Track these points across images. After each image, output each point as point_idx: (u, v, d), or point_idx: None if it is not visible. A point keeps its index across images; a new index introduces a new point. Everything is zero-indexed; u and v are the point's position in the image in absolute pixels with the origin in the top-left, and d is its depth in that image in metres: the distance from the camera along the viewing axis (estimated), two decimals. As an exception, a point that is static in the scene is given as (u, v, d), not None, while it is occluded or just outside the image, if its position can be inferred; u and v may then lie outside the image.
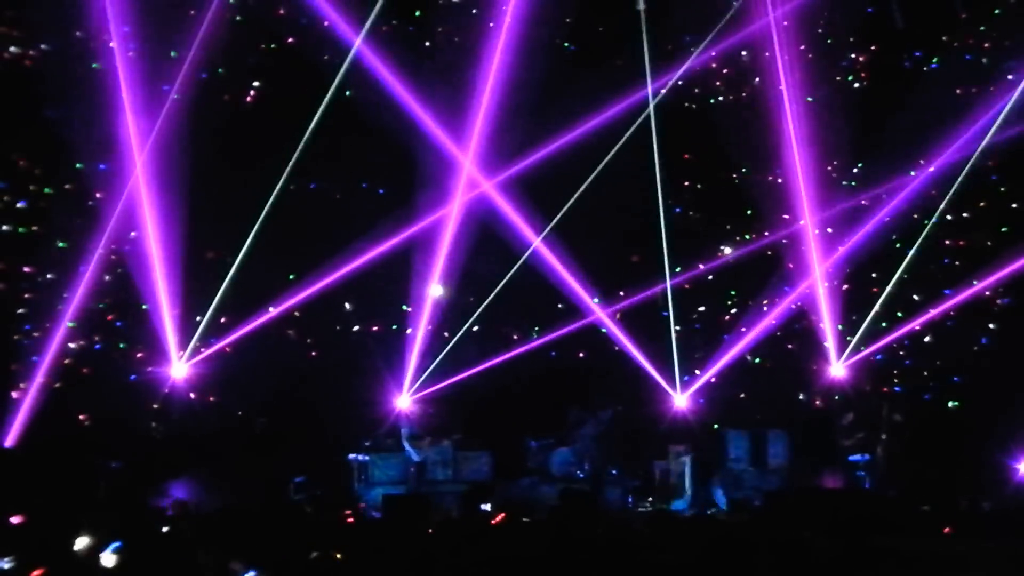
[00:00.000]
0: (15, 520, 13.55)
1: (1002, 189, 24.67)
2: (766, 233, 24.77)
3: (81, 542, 11.64)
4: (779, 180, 24.47)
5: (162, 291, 21.86)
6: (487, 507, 19.63)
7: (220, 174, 22.55)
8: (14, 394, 20.58)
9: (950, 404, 24.31)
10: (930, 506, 19.40)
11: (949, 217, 24.46)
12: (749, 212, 24.85)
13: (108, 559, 11.17)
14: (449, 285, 24.20)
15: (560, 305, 24.11)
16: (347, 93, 22.93)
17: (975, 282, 24.08)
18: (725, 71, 24.92)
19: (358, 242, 22.72)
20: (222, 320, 22.57)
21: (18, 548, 11.26)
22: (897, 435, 23.56)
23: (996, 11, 24.30)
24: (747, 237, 24.93)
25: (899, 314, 24.24)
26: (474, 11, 24.05)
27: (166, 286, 21.95)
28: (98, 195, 21.64)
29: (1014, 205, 24.68)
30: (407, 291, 23.94)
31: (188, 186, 22.32)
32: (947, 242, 24.63)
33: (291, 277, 22.66)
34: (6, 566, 10.85)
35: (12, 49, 21.34)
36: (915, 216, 24.36)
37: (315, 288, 22.65)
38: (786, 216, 24.54)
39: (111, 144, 21.39)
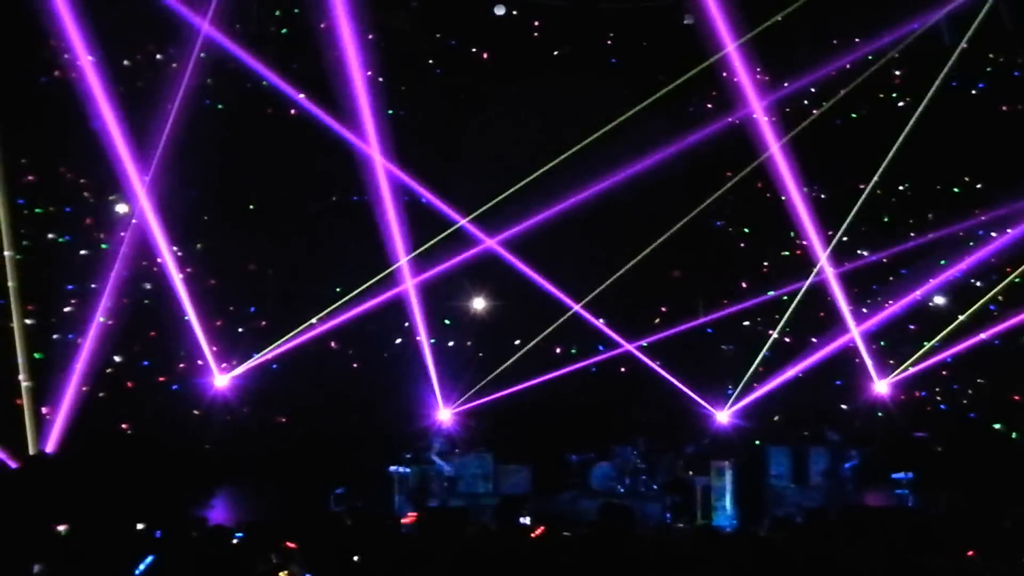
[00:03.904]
0: (60, 528, 13.57)
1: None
2: (805, 242, 24.48)
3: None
4: (823, 196, 24.36)
5: (204, 303, 21.91)
6: (526, 520, 19.58)
7: (262, 186, 22.69)
8: (57, 401, 20.61)
9: (996, 426, 24.11)
10: (973, 525, 19.19)
11: (994, 235, 24.28)
12: (792, 234, 24.72)
13: None
14: (490, 298, 24.25)
15: (602, 320, 24.05)
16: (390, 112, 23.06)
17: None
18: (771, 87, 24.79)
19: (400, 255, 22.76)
20: (264, 330, 22.66)
21: (55, 556, 11.29)
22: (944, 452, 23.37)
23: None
24: (788, 253, 24.86)
25: (944, 332, 24.02)
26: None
27: (208, 298, 22.02)
28: (139, 207, 21.66)
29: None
30: (449, 305, 23.99)
31: (231, 198, 22.46)
32: (993, 260, 24.41)
33: (338, 290, 22.67)
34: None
35: (60, 59, 21.43)
36: (960, 235, 24.21)
37: (357, 299, 22.65)
38: (830, 232, 24.33)
39: (153, 156, 21.41)
